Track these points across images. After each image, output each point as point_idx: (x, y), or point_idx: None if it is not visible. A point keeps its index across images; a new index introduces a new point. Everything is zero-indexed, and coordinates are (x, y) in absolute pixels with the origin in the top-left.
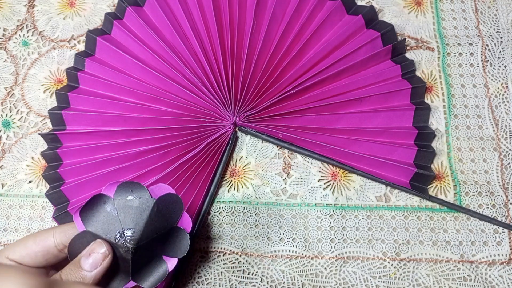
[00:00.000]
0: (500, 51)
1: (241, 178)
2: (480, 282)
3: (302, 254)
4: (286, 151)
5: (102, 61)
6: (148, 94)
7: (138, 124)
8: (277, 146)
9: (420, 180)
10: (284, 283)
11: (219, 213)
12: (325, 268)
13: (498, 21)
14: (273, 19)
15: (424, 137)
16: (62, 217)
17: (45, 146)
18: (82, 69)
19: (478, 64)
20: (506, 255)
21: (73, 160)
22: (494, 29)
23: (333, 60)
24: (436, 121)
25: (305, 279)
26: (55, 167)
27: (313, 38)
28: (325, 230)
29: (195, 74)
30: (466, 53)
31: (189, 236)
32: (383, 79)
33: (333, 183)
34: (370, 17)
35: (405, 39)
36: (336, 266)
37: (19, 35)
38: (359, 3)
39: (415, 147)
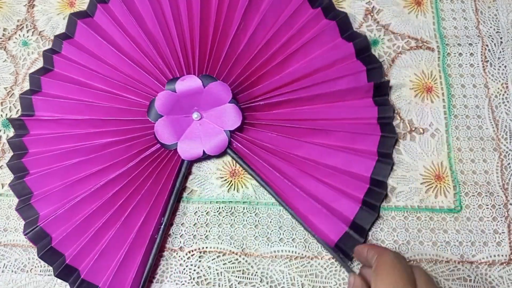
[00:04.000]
0: (500, 51)
1: (241, 178)
2: (480, 282)
3: (302, 254)
4: None
5: (80, 44)
6: (120, 82)
7: (105, 113)
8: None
9: (347, 242)
10: (283, 283)
11: (218, 213)
12: (324, 268)
13: (498, 21)
14: (263, 24)
15: (373, 195)
16: (25, 209)
17: None
18: (59, 52)
19: (478, 64)
20: (506, 255)
21: (38, 150)
22: (494, 29)
23: (312, 82)
24: (436, 121)
25: (304, 280)
26: (20, 156)
27: (298, 52)
28: None
29: (169, 67)
30: (466, 53)
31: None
32: (357, 117)
33: None
34: (362, 46)
35: (389, 80)
36: (336, 267)
37: (19, 35)
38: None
39: (359, 204)
